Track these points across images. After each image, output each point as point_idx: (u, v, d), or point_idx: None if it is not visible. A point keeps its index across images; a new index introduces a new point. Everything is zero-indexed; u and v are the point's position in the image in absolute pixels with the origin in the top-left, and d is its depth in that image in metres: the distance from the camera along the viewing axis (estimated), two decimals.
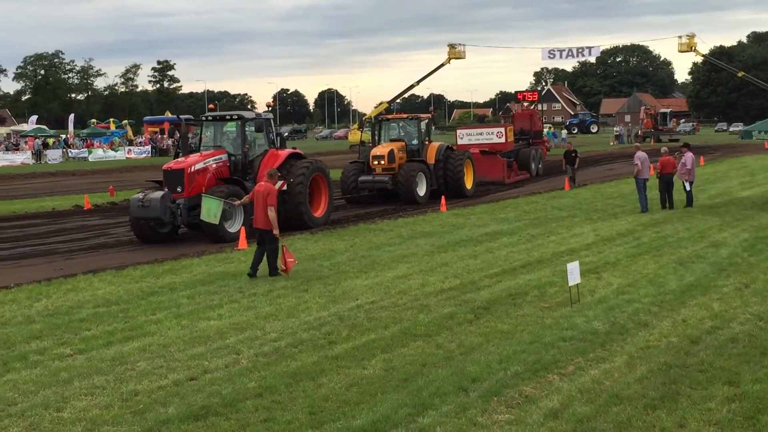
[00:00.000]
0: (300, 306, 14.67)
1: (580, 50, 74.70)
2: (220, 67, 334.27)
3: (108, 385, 10.48)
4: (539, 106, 61.30)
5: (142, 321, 13.90)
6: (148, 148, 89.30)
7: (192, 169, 23.28)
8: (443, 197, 30.76)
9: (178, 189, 23.02)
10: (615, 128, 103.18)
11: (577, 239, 21.35)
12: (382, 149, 33.16)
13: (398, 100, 57.78)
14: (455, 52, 54.22)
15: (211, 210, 21.75)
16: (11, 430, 9.11)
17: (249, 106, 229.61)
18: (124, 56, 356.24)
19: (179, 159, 24.58)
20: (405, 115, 36.92)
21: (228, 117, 25.60)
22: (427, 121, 35.55)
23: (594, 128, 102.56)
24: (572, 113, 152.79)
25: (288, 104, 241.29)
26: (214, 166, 23.97)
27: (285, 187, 24.18)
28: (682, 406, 9.12)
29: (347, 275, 17.47)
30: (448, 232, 23.39)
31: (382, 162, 32.63)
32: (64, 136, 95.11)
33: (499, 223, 24.94)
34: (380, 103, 53.26)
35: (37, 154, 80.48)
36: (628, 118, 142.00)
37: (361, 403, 9.53)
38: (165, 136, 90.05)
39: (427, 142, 34.33)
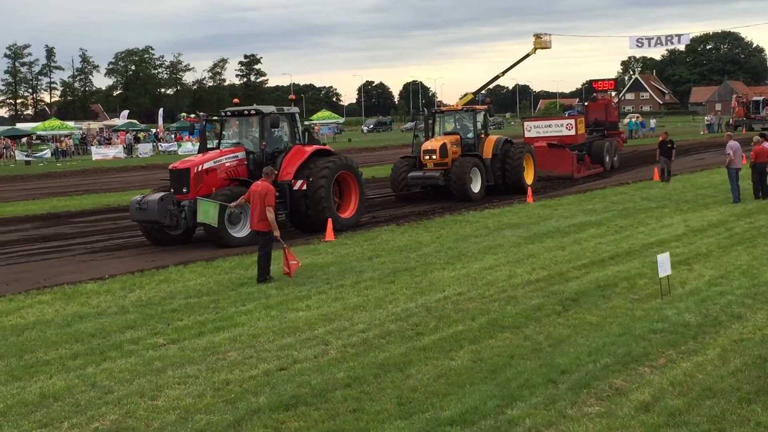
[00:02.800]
0: (387, 297, 14.74)
1: (668, 38, 73.05)
2: (305, 60, 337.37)
3: (200, 375, 10.68)
4: (621, 95, 59.64)
5: (232, 312, 14.11)
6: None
7: (198, 169, 21.94)
8: (529, 189, 30.49)
9: (184, 190, 21.76)
10: (706, 117, 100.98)
11: (667, 230, 21.01)
12: (433, 143, 31.36)
13: (483, 91, 57.11)
14: (541, 42, 53.27)
15: (208, 212, 20.64)
16: (108, 417, 9.35)
17: (334, 99, 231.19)
18: (212, 51, 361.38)
19: (186, 158, 23.82)
20: (459, 107, 35.00)
21: (246, 112, 24.01)
22: (483, 113, 33.29)
23: None
24: (571, 105, 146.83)
25: (373, 96, 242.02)
26: (227, 164, 22.60)
27: (305, 187, 22.89)
28: None
29: (434, 267, 17.48)
30: (535, 224, 23.23)
31: (434, 157, 30.76)
32: (154, 130, 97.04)
33: (587, 214, 24.68)
34: (465, 95, 52.70)
35: (129, 148, 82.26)
36: (718, 106, 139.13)
37: (450, 394, 9.55)
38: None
39: (483, 136, 32.39)
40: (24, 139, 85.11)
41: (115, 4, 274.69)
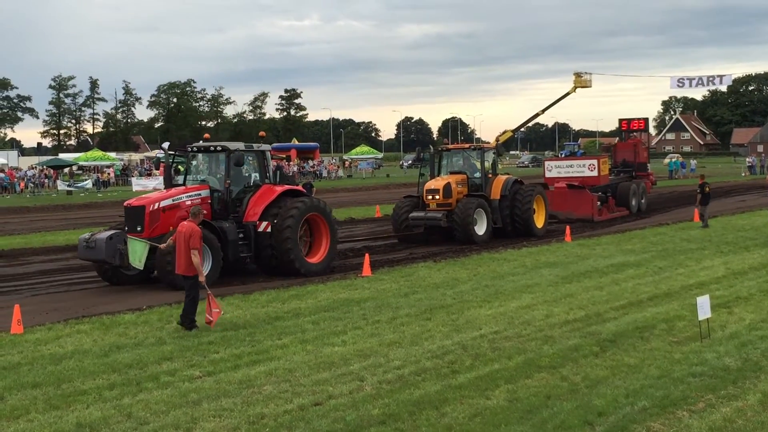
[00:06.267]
0: (423, 334, 14.70)
1: (710, 78, 72.53)
2: (346, 95, 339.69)
3: (235, 408, 10.69)
4: (661, 135, 58.38)
5: (268, 345, 14.14)
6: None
7: (154, 207, 20.85)
8: (568, 227, 30.29)
9: (138, 228, 20.58)
10: (747, 159, 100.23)
11: (706, 272, 20.82)
12: (437, 183, 29.87)
13: (522, 129, 56.94)
14: (581, 81, 53.00)
15: (135, 253, 19.42)
16: None
17: (373, 134, 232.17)
18: (254, 84, 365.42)
19: (144, 195, 22.77)
20: (467, 145, 33.38)
21: (213, 148, 22.99)
22: (492, 152, 31.85)
23: None
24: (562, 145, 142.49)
25: (411, 132, 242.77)
26: (188, 203, 21.09)
27: (269, 229, 21.81)
28: None
29: (470, 304, 17.42)
30: (573, 263, 23.10)
31: (437, 197, 29.39)
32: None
33: (625, 255, 24.51)
34: (504, 132, 52.61)
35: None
36: (760, 148, 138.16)
37: None
38: (291, 163, 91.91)
39: (490, 176, 30.77)
40: (66, 170, 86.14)
41: (158, 37, 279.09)
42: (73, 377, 12.37)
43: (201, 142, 24.64)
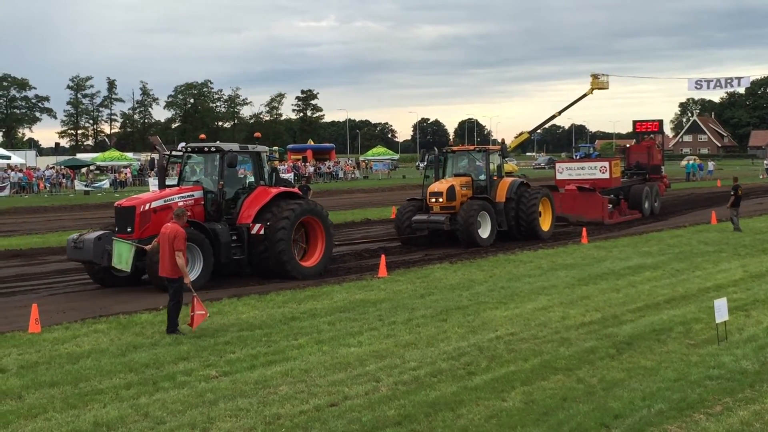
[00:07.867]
0: (439, 335, 14.70)
1: (728, 81, 72.24)
2: (362, 96, 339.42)
3: (252, 408, 10.71)
4: (679, 137, 58.23)
5: (284, 345, 14.16)
6: (291, 175, 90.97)
7: (145, 207, 20.58)
8: (584, 229, 30.18)
9: (128, 229, 20.40)
10: (765, 161, 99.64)
11: (724, 275, 20.73)
12: (440, 185, 29.22)
13: (539, 130, 56.93)
14: (598, 83, 52.96)
15: (122, 255, 19.39)
16: None
17: (389, 135, 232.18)
18: (270, 85, 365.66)
19: (135, 195, 22.43)
20: (472, 147, 32.62)
21: (207, 149, 22.68)
22: (498, 153, 31.31)
23: None
24: (575, 147, 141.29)
25: (428, 133, 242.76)
26: (180, 204, 20.63)
27: (262, 232, 21.54)
28: None
29: (486, 306, 17.41)
30: (590, 265, 23.04)
31: (440, 200, 28.74)
32: None
33: (642, 257, 24.43)
34: (521, 133, 52.66)
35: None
36: None
37: None
38: (307, 163, 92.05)
39: (495, 178, 30.20)
40: (83, 170, 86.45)
41: (176, 38, 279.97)
42: (90, 376, 12.42)
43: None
